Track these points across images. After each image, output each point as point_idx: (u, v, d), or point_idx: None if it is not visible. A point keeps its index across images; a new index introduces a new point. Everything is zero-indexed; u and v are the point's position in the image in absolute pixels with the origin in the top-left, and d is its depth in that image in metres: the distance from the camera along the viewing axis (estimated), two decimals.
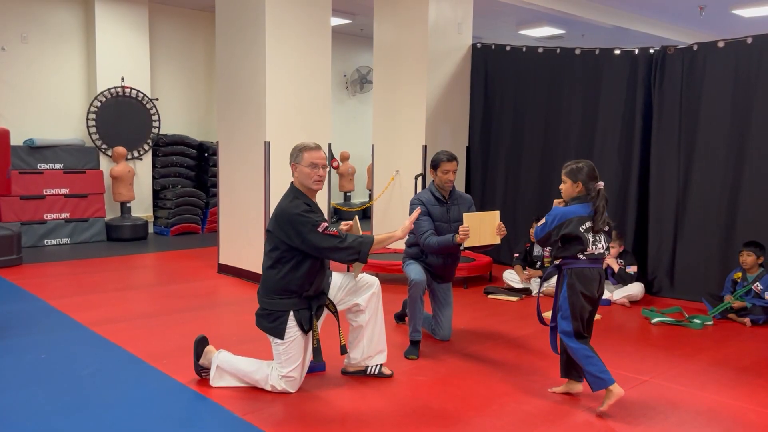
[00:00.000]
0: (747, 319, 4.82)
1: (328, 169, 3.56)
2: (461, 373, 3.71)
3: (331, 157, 8.17)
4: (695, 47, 5.64)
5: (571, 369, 3.39)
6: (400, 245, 5.83)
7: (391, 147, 7.23)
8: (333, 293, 3.50)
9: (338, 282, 3.52)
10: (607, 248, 3.27)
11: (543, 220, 3.30)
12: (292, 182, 3.42)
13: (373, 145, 7.42)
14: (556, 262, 3.32)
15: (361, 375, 3.60)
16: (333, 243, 3.19)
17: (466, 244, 3.90)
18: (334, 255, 3.24)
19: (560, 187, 3.36)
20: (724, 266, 5.39)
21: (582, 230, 3.18)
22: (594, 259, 3.21)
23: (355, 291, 3.52)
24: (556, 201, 3.40)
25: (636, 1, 9.09)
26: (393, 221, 7.01)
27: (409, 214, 4.08)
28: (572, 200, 3.28)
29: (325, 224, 3.22)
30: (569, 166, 3.31)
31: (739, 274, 5.05)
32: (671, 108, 5.75)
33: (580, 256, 3.19)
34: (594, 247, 3.19)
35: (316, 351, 3.34)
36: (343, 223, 3.59)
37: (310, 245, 3.21)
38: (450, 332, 4.31)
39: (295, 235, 3.22)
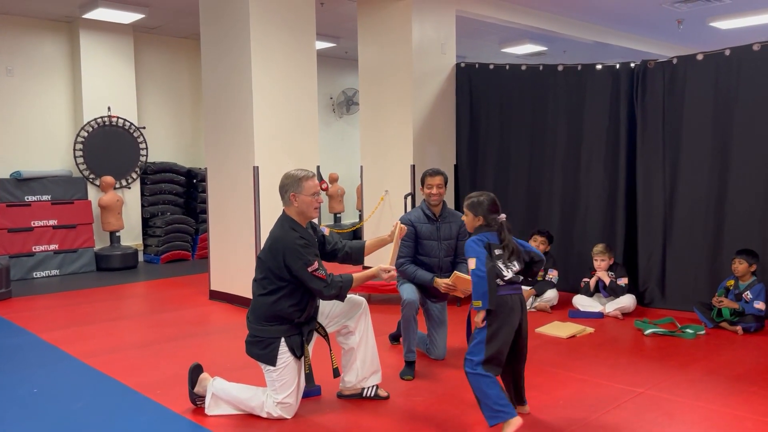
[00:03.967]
0: (739, 327, 4.85)
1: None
2: (458, 392, 3.70)
3: (320, 179, 8.18)
4: (675, 60, 5.73)
5: (518, 394, 3.32)
6: None
7: (379, 167, 7.26)
8: (322, 316, 3.51)
9: (326, 304, 3.52)
10: (519, 271, 3.16)
11: (472, 262, 3.07)
12: (284, 211, 3.41)
13: (361, 166, 7.45)
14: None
15: (358, 398, 3.59)
16: (318, 285, 3.26)
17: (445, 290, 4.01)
18: (315, 292, 3.31)
19: (462, 218, 3.33)
20: (714, 275, 5.43)
21: (496, 254, 3.12)
22: (511, 282, 3.12)
23: (344, 312, 3.53)
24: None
25: (615, 16, 9.22)
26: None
27: None
28: (477, 229, 3.22)
29: (315, 265, 3.25)
30: (471, 198, 3.29)
31: (732, 282, 5.09)
32: (654, 121, 5.82)
33: (499, 281, 3.09)
34: (508, 271, 3.11)
35: (308, 377, 3.33)
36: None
37: (297, 278, 3.25)
38: (445, 351, 4.30)
39: (285, 267, 3.23)
